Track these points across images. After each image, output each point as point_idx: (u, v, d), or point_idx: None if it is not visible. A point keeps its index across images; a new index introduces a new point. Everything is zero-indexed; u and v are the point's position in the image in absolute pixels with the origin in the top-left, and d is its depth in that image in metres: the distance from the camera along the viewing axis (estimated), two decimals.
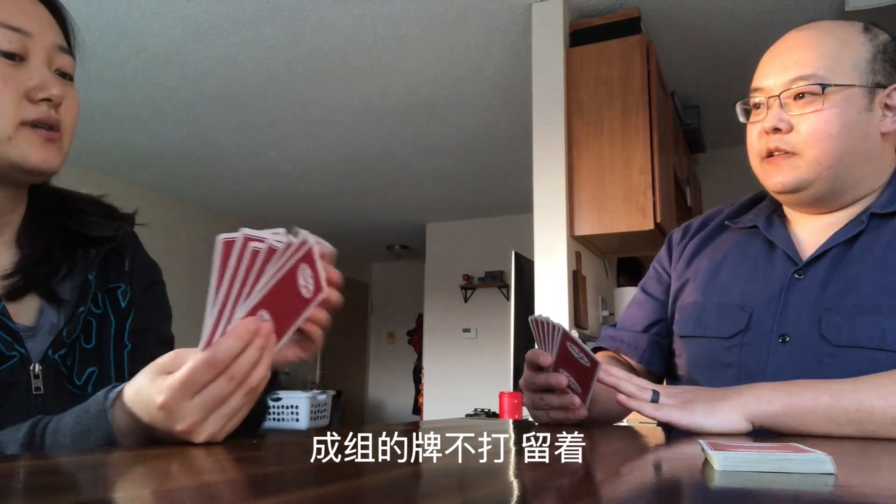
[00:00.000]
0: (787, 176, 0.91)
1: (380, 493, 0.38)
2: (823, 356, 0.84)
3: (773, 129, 0.91)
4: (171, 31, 3.17)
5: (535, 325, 0.85)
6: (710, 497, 0.40)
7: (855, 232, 0.89)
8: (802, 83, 0.89)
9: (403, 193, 5.90)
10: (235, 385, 0.56)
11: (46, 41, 0.73)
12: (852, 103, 0.88)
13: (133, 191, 5.42)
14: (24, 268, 0.74)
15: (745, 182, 1.00)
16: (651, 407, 0.80)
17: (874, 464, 0.55)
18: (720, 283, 0.98)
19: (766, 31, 3.13)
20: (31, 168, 0.71)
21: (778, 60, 0.93)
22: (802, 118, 0.89)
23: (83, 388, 0.75)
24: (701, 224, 1.11)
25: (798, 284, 0.90)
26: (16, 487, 0.38)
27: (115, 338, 0.79)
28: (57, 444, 0.58)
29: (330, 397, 3.39)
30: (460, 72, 3.56)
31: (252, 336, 0.56)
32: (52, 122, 0.72)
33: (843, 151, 0.88)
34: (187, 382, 0.54)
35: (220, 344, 0.55)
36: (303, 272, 0.61)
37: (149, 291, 0.86)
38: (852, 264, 0.87)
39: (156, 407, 0.54)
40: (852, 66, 0.89)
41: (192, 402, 0.54)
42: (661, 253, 1.14)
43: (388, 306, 8.80)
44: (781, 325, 0.88)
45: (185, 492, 0.37)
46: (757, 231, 1.00)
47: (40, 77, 0.71)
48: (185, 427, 0.55)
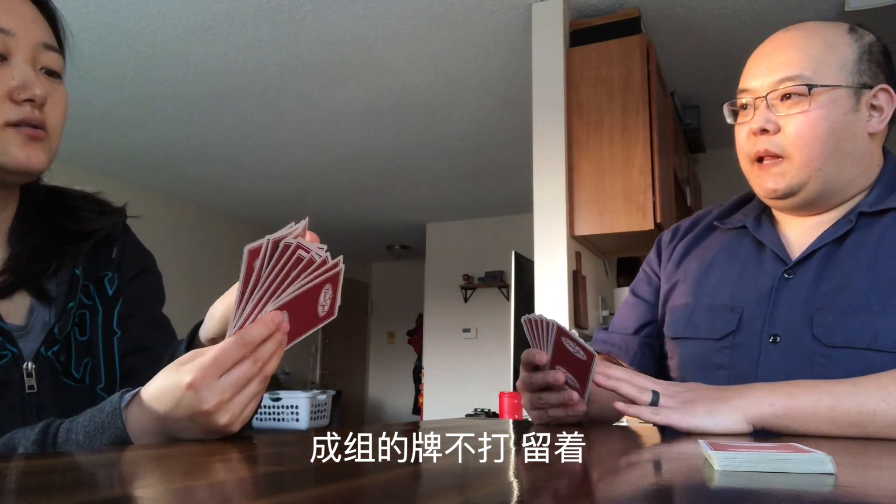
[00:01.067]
0: (777, 182, 0.91)
1: (380, 493, 0.38)
2: (816, 356, 0.83)
3: (760, 130, 0.91)
4: (171, 31, 3.17)
5: (528, 324, 0.85)
6: (710, 497, 0.40)
7: (843, 231, 0.89)
8: (789, 84, 0.89)
9: (403, 193, 5.90)
10: (257, 369, 0.60)
11: (30, 40, 0.72)
12: (839, 104, 0.89)
13: (132, 191, 5.41)
14: (14, 265, 0.74)
15: (745, 182, 1.00)
16: (649, 411, 0.79)
17: (874, 464, 0.55)
18: (710, 285, 0.98)
19: (766, 31, 3.11)
20: (16, 168, 0.71)
21: (764, 61, 0.94)
22: (789, 119, 0.89)
23: (81, 380, 0.76)
24: (690, 225, 1.11)
25: (788, 284, 0.90)
26: (17, 487, 0.38)
27: (104, 326, 0.80)
28: (70, 441, 0.59)
29: (330, 397, 3.39)
30: (460, 72, 3.56)
31: (276, 328, 0.60)
32: (36, 121, 0.71)
33: (830, 153, 0.88)
34: (218, 359, 0.58)
35: (250, 328, 0.59)
36: (326, 291, 0.65)
37: (140, 277, 0.86)
38: (842, 264, 0.87)
39: (184, 386, 0.57)
40: (839, 67, 0.89)
41: (219, 381, 0.58)
42: (651, 255, 1.14)
43: (388, 306, 8.80)
44: (772, 326, 0.88)
45: (185, 491, 0.37)
46: (746, 231, 1.00)
47: (22, 77, 0.70)
48: (212, 406, 0.57)
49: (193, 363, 0.58)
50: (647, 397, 0.81)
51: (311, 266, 0.61)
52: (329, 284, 0.65)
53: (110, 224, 0.83)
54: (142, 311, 0.85)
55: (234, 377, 0.58)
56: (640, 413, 0.80)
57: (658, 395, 0.81)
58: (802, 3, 2.92)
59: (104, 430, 0.59)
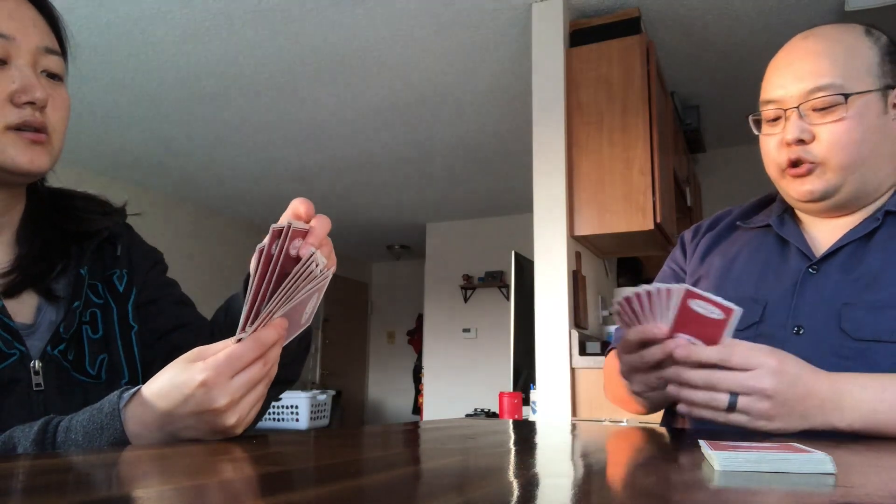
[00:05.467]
0: (815, 185, 0.92)
1: (380, 493, 0.38)
2: (842, 349, 0.84)
3: (796, 141, 0.91)
4: (171, 31, 3.17)
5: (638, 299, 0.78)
6: (711, 497, 0.40)
7: (870, 229, 0.91)
8: (821, 94, 0.90)
9: (403, 193, 5.90)
10: (265, 371, 0.61)
11: (31, 43, 0.72)
12: (871, 108, 0.90)
13: (132, 191, 5.41)
14: (22, 266, 0.75)
15: (745, 182, 1.01)
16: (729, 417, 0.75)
17: (874, 464, 0.55)
18: (733, 279, 0.99)
19: (766, 31, 3.13)
20: (18, 171, 0.72)
21: (790, 71, 0.93)
22: (824, 127, 0.90)
23: (97, 376, 0.77)
24: (711, 224, 1.13)
25: (812, 279, 0.91)
26: (17, 487, 0.38)
27: (120, 322, 0.81)
28: (69, 441, 0.59)
29: (330, 397, 3.39)
30: (460, 72, 3.56)
31: (284, 332, 0.62)
32: (38, 124, 0.72)
33: (866, 156, 0.90)
34: (233, 359, 0.59)
35: (265, 331, 0.60)
36: (313, 300, 0.67)
37: (155, 268, 0.89)
38: (869, 260, 0.89)
39: (196, 384, 0.57)
40: (865, 72, 0.91)
41: (231, 381, 0.59)
42: (675, 252, 1.15)
43: (388, 306, 8.80)
44: (796, 317, 0.89)
45: (185, 491, 0.37)
46: (768, 230, 1.02)
47: (23, 80, 0.70)
48: (223, 405, 0.58)
49: (207, 362, 0.58)
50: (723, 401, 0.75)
51: (315, 276, 0.62)
52: (317, 294, 0.66)
53: (113, 223, 0.85)
54: (169, 294, 0.88)
55: (246, 378, 0.59)
56: (715, 418, 0.76)
57: (735, 399, 0.75)
58: (802, 4, 2.92)
59: (103, 430, 0.59)
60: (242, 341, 0.60)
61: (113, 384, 0.77)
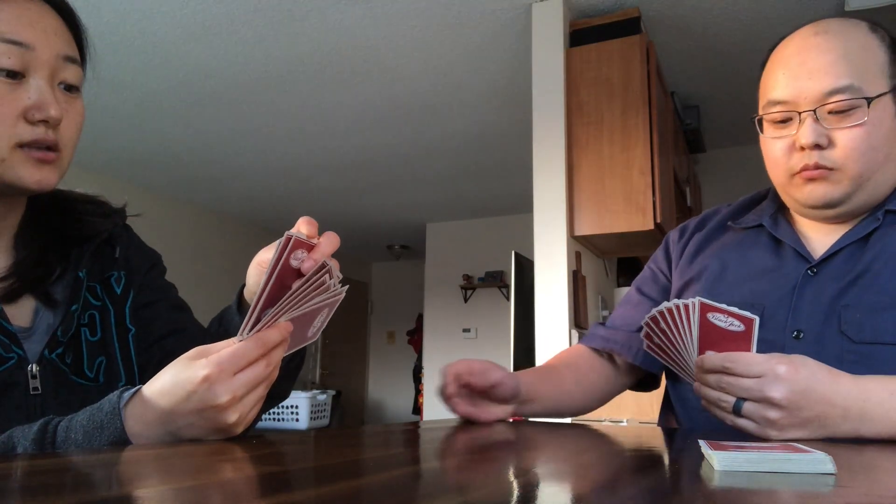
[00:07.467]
0: (828, 191, 0.87)
1: (380, 493, 0.38)
2: (844, 353, 0.82)
3: (813, 146, 0.86)
4: (171, 31, 3.17)
5: (662, 318, 0.77)
6: (710, 497, 0.40)
7: (870, 229, 0.88)
8: (840, 97, 0.84)
9: (403, 193, 5.90)
10: (268, 373, 0.61)
11: (50, 53, 0.70)
12: (887, 111, 0.86)
13: (132, 191, 5.41)
14: (20, 270, 0.75)
15: (745, 182, 1.00)
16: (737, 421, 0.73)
17: (874, 464, 0.55)
18: (728, 282, 0.96)
19: (767, 31, 3.13)
20: (25, 190, 0.71)
21: (803, 70, 0.87)
22: (841, 132, 0.85)
23: (95, 379, 0.77)
24: (699, 223, 1.09)
25: (811, 281, 0.88)
26: (17, 487, 0.38)
27: (117, 324, 0.80)
28: (69, 440, 0.59)
29: (330, 397, 3.39)
30: (460, 72, 3.56)
31: (287, 336, 0.62)
32: (50, 142, 0.70)
33: (881, 162, 0.86)
34: (236, 356, 0.59)
35: (269, 332, 0.60)
36: (322, 315, 0.67)
37: (153, 270, 0.89)
38: (869, 261, 0.86)
39: (199, 380, 0.57)
40: (879, 72, 0.86)
41: (234, 378, 0.59)
42: (658, 254, 1.12)
43: (388, 306, 8.80)
44: (795, 322, 0.87)
45: (185, 491, 0.37)
46: (760, 230, 0.98)
47: (38, 96, 0.69)
48: (224, 401, 0.58)
49: (209, 358, 0.58)
50: (728, 402, 0.74)
51: (328, 288, 0.63)
52: (327, 309, 0.66)
53: (112, 225, 0.84)
54: (165, 298, 0.87)
55: (248, 376, 0.59)
56: (725, 419, 0.75)
57: (741, 404, 0.73)
58: (803, 4, 2.92)
59: (103, 430, 0.59)
60: (246, 339, 0.60)
61: (111, 387, 0.77)
